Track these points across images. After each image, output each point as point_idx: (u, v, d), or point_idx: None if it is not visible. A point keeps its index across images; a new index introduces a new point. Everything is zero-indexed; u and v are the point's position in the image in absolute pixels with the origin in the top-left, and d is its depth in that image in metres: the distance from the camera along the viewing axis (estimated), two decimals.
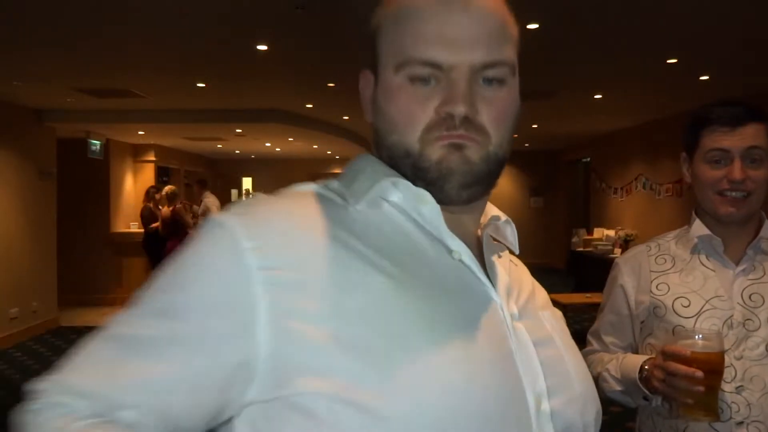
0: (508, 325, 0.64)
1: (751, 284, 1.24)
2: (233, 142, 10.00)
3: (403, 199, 0.66)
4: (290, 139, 9.70)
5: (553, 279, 10.21)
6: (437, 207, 0.64)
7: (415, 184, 0.65)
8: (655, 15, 3.68)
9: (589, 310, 6.45)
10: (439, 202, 0.65)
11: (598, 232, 8.72)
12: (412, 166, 0.65)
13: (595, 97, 6.49)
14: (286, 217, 0.62)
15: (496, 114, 0.64)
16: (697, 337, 1.08)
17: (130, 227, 8.80)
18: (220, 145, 10.46)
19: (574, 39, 4.23)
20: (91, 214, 8.37)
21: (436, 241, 0.65)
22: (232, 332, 0.56)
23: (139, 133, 8.29)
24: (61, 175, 7.34)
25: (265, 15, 3.65)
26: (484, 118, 0.64)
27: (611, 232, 8.27)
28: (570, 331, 0.76)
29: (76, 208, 8.21)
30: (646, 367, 1.18)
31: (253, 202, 0.64)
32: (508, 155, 0.67)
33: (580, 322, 6.87)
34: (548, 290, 0.91)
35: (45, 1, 3.35)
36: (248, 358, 0.56)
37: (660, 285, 1.31)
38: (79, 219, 8.25)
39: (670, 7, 3.53)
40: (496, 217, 0.74)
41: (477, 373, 0.58)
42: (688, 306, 1.25)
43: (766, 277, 1.24)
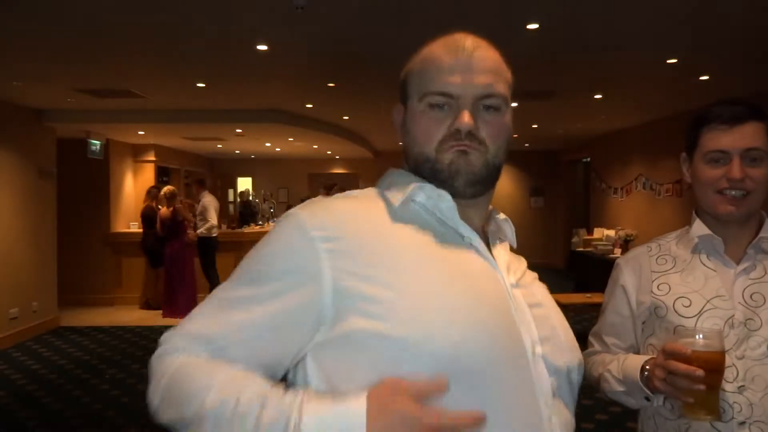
0: (507, 290, 0.85)
1: (752, 284, 1.23)
2: (233, 142, 9.99)
3: (427, 199, 0.88)
4: (290, 139, 9.70)
5: (553, 279, 10.20)
6: (454, 204, 0.86)
7: (432, 184, 0.87)
8: (655, 15, 3.68)
9: (589, 310, 6.46)
10: (451, 196, 0.86)
11: (598, 232, 8.73)
12: (431, 168, 0.88)
13: (595, 97, 6.49)
14: (338, 209, 0.84)
15: (492, 131, 0.87)
16: (698, 336, 1.08)
17: (130, 227, 8.80)
18: (220, 145, 10.46)
19: (574, 39, 4.23)
20: (91, 214, 8.38)
21: (451, 230, 0.87)
22: (306, 289, 0.77)
23: (139, 133, 8.29)
24: (61, 175, 7.35)
25: (265, 15, 3.66)
26: (484, 134, 0.86)
27: (611, 232, 8.27)
28: None
29: (76, 208, 8.21)
30: (648, 367, 1.18)
31: (314, 201, 0.86)
32: (503, 163, 0.90)
33: (581, 322, 6.87)
34: (548, 290, 0.99)
35: (45, 2, 3.36)
36: (318, 307, 0.77)
37: (661, 285, 1.31)
38: (79, 219, 8.26)
39: (670, 7, 3.53)
40: (496, 211, 0.97)
41: (484, 318, 0.78)
42: (689, 306, 1.25)
43: (767, 277, 1.23)
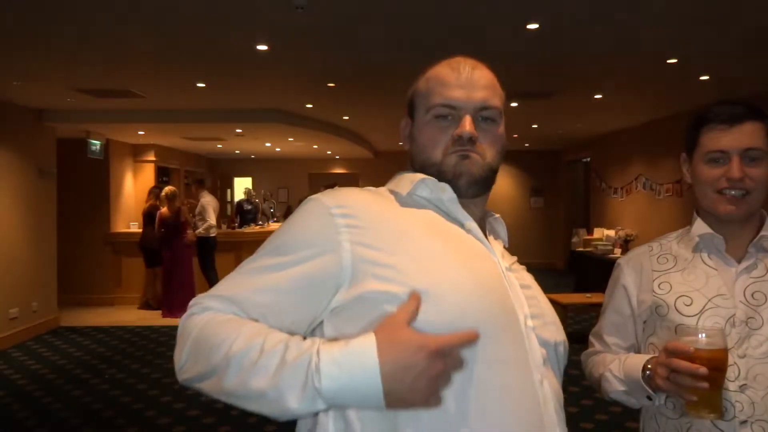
0: (502, 271, 0.95)
1: (754, 282, 1.23)
2: (233, 142, 9.99)
3: (430, 193, 0.99)
4: (290, 139, 9.70)
5: (553, 279, 10.20)
6: (454, 195, 0.97)
7: None
8: (655, 15, 3.69)
9: (589, 310, 6.46)
10: None
11: (598, 232, 8.73)
12: (436, 171, 0.99)
13: (595, 97, 6.49)
14: (355, 195, 0.95)
15: (489, 139, 1.00)
16: (700, 335, 1.08)
17: (129, 227, 8.80)
18: (220, 145, 10.46)
19: (574, 39, 4.23)
20: (91, 214, 8.38)
21: (453, 220, 0.98)
22: (326, 257, 0.87)
23: (139, 133, 8.29)
24: (61, 175, 7.35)
25: (265, 15, 3.66)
26: (482, 141, 0.99)
27: (611, 232, 8.27)
28: (570, 331, 1.04)
29: (76, 208, 8.21)
30: (650, 366, 1.18)
31: (333, 189, 0.97)
32: (498, 167, 1.02)
33: (581, 322, 6.86)
34: (548, 290, 1.05)
35: (45, 2, 3.36)
36: (337, 271, 0.86)
37: (662, 284, 1.31)
38: (79, 219, 8.26)
39: (670, 7, 3.53)
40: (491, 213, 1.09)
41: (483, 286, 0.89)
42: (690, 304, 1.25)
43: (767, 276, 1.23)
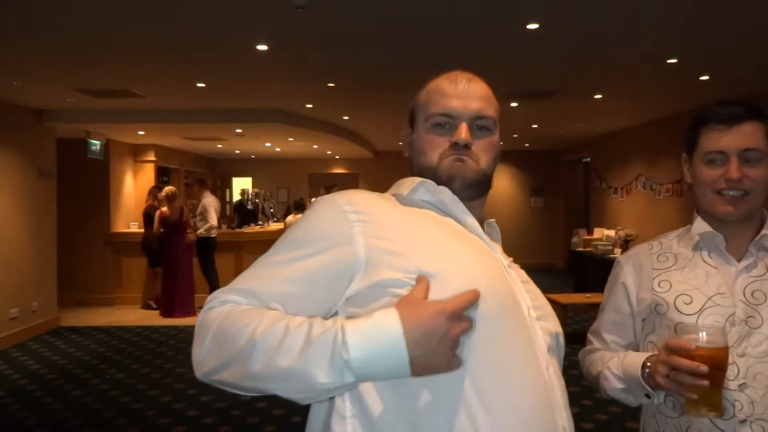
0: (504, 267, 1.01)
1: (754, 281, 1.23)
2: (233, 142, 9.99)
3: (431, 196, 1.04)
4: (290, 139, 9.70)
5: (553, 279, 10.21)
6: (454, 196, 1.03)
7: None
8: (655, 15, 3.69)
9: (589, 310, 6.46)
10: None
11: (598, 232, 8.73)
12: (432, 174, 1.05)
13: (595, 97, 6.49)
14: (363, 195, 1.00)
15: (484, 146, 1.06)
16: (701, 333, 1.08)
17: (129, 227, 8.80)
18: (220, 145, 10.45)
19: (574, 39, 4.23)
20: (91, 214, 8.38)
21: (455, 220, 1.03)
22: (341, 248, 0.91)
23: (139, 133, 8.29)
24: (61, 175, 7.35)
25: (265, 15, 3.66)
26: (477, 148, 1.05)
27: (611, 232, 8.27)
28: (570, 332, 1.09)
29: (76, 208, 8.22)
30: (649, 364, 1.18)
31: (341, 191, 1.01)
32: (492, 173, 1.09)
33: (580, 322, 6.86)
34: (548, 290, 1.05)
35: (45, 2, 3.36)
36: (352, 261, 0.91)
37: (662, 282, 1.31)
38: (79, 219, 8.26)
39: (670, 7, 3.53)
40: (486, 218, 1.15)
41: (489, 273, 0.94)
42: (689, 303, 1.25)
43: (767, 275, 1.23)
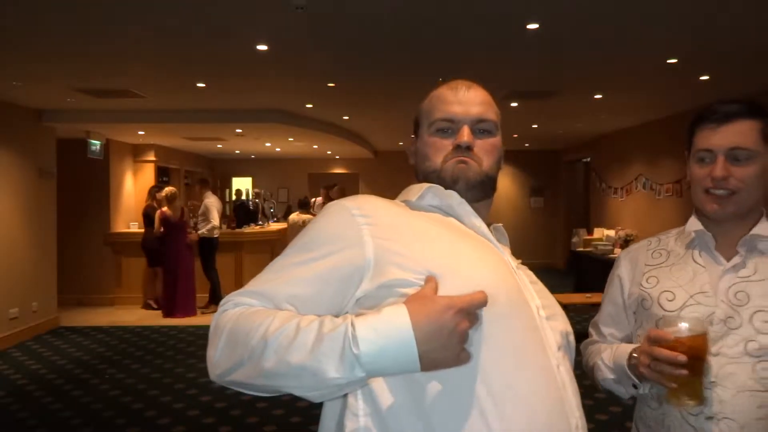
0: (513, 268, 1.02)
1: (739, 282, 1.24)
2: (233, 142, 9.99)
3: (440, 201, 1.06)
4: (290, 139, 9.70)
5: (553, 279, 10.20)
6: (462, 199, 1.05)
7: None
8: (655, 15, 3.69)
9: (589, 310, 6.45)
10: None
11: (598, 232, 8.72)
12: (437, 177, 1.08)
13: (595, 97, 6.49)
14: (372, 200, 1.02)
15: (485, 148, 1.09)
16: (681, 324, 1.10)
17: (129, 227, 8.80)
18: (220, 145, 10.46)
19: (574, 39, 4.23)
20: (91, 214, 8.38)
21: (460, 222, 1.04)
22: (351, 250, 0.94)
23: (139, 133, 8.29)
24: (61, 175, 7.35)
25: (265, 15, 3.66)
26: (479, 150, 1.08)
27: (611, 232, 8.27)
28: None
29: (76, 208, 8.21)
30: (635, 355, 1.20)
31: (351, 197, 1.04)
32: (496, 175, 1.11)
33: (581, 323, 6.86)
34: (548, 290, 1.04)
35: (45, 2, 3.36)
36: (362, 263, 0.93)
37: (650, 278, 1.35)
38: (79, 219, 8.26)
39: (670, 7, 3.53)
40: (493, 223, 1.15)
41: (496, 273, 0.96)
42: (672, 300, 1.28)
43: (755, 276, 1.23)
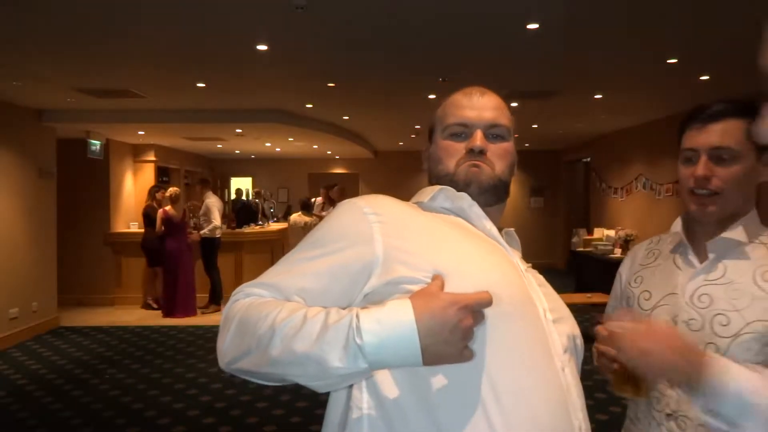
0: (521, 271, 1.02)
1: (706, 285, 1.24)
2: (233, 142, 9.99)
3: (451, 203, 1.06)
4: (290, 139, 9.70)
5: (553, 279, 10.16)
6: (473, 201, 1.05)
7: None
8: (655, 15, 3.68)
9: (589, 310, 6.45)
10: None
11: (598, 232, 8.72)
12: (450, 180, 1.09)
13: (595, 97, 6.49)
14: (384, 199, 1.03)
15: (498, 153, 1.09)
16: (625, 320, 1.14)
17: (129, 227, 8.80)
18: (220, 145, 10.46)
19: (574, 39, 4.23)
20: (91, 214, 8.38)
21: (471, 225, 1.05)
22: (361, 247, 0.95)
23: (139, 133, 8.29)
24: (61, 175, 7.35)
25: (265, 15, 3.66)
26: (492, 154, 1.08)
27: (611, 232, 8.27)
28: None
29: (76, 208, 8.22)
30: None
31: (363, 196, 1.05)
32: (509, 180, 1.11)
33: (581, 323, 6.81)
34: None
35: (45, 2, 3.36)
36: (370, 259, 0.94)
37: (638, 278, 1.39)
38: (79, 219, 8.26)
39: (671, 7, 3.53)
40: (505, 227, 1.16)
41: (505, 275, 0.96)
42: (648, 299, 1.33)
43: (722, 279, 1.23)
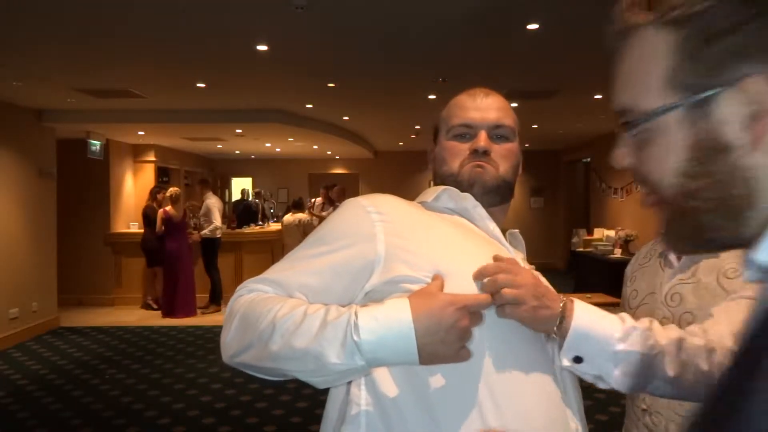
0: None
1: (677, 284, 1.30)
2: (233, 142, 10.00)
3: (455, 204, 1.07)
4: (290, 139, 9.70)
5: (553, 279, 10.17)
6: (477, 202, 1.06)
7: None
8: None
9: None
10: None
11: (598, 233, 8.72)
12: (454, 181, 1.10)
13: (595, 97, 6.49)
14: (387, 198, 1.05)
15: (502, 154, 1.10)
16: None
17: (129, 227, 8.80)
18: (220, 145, 10.46)
19: (574, 39, 4.23)
20: (91, 214, 8.38)
21: (477, 226, 1.06)
22: (363, 245, 0.96)
23: (139, 133, 8.29)
24: (61, 175, 7.35)
25: (265, 15, 3.66)
26: (496, 155, 1.09)
27: (611, 233, 8.27)
28: None
29: (76, 208, 8.22)
30: None
31: (367, 195, 1.06)
32: (514, 181, 1.12)
33: None
34: None
35: (45, 2, 3.36)
36: (372, 257, 0.95)
37: (633, 277, 1.46)
38: (79, 219, 8.26)
39: None
40: (509, 229, 1.17)
41: None
42: (635, 298, 1.39)
43: (692, 279, 1.28)
